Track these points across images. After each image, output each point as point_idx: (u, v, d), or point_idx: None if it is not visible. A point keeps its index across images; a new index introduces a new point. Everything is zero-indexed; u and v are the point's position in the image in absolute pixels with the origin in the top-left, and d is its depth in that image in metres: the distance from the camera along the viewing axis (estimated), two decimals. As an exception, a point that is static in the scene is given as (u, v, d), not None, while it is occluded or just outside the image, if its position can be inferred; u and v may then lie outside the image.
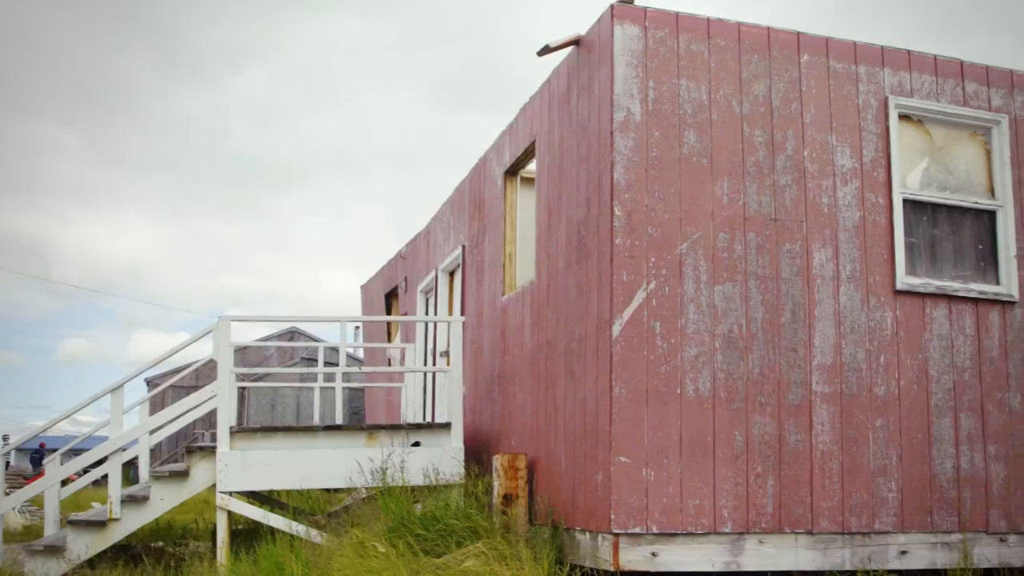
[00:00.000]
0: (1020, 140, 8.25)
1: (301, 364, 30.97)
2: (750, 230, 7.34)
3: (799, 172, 7.55)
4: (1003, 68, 8.37)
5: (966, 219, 8.09)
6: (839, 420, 7.34)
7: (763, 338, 7.23)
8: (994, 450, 7.75)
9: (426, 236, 13.99)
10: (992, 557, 7.63)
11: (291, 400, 30.26)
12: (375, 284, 18.04)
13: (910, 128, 8.03)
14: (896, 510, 7.41)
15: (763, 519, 7.05)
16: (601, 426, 6.98)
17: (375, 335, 17.91)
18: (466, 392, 10.32)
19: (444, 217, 12.96)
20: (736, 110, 7.49)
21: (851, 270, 7.55)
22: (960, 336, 7.79)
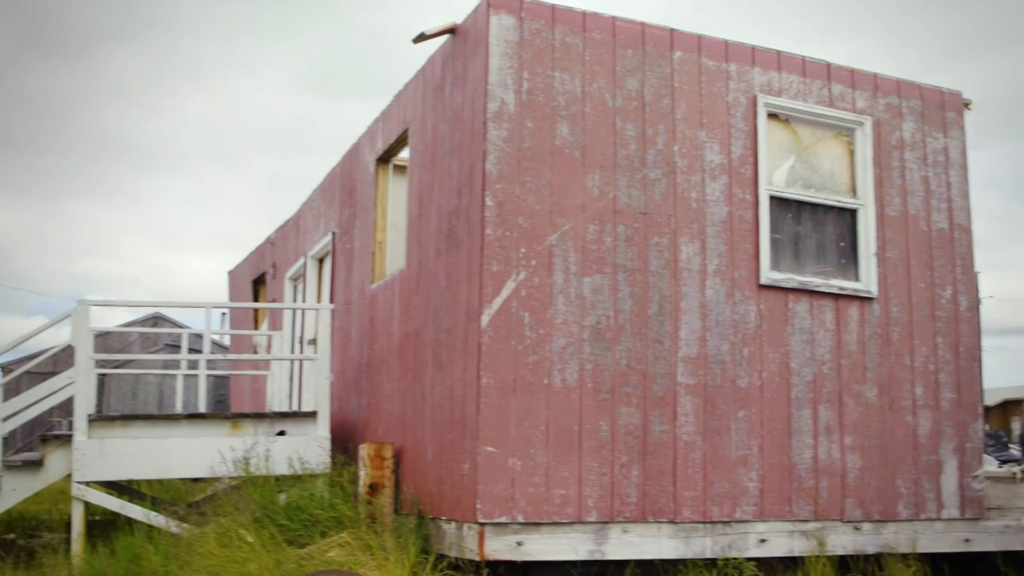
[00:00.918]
0: (882, 141, 8.78)
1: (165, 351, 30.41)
2: (620, 223, 7.65)
3: (669, 167, 7.90)
4: (868, 72, 8.90)
5: (829, 217, 8.59)
6: (703, 411, 7.72)
7: (630, 330, 7.56)
8: (850, 441, 8.26)
9: (296, 222, 14.01)
10: (847, 545, 8.14)
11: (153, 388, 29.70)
12: (243, 270, 17.92)
13: (778, 127, 8.48)
14: (756, 499, 7.84)
15: (627, 508, 7.38)
16: (468, 416, 7.20)
17: (242, 322, 17.81)
18: (333, 381, 10.43)
19: (315, 203, 13.02)
20: (609, 103, 7.79)
21: (717, 264, 7.94)
22: (821, 330, 8.27)
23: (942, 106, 9.16)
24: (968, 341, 8.92)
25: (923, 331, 8.69)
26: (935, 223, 8.89)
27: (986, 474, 8.98)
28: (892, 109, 8.90)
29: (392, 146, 9.85)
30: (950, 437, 8.70)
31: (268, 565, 6.75)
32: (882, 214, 8.67)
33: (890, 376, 8.49)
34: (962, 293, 8.92)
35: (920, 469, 8.52)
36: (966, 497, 8.70)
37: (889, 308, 8.56)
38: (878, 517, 8.29)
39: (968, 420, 8.82)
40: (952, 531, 8.62)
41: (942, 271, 8.84)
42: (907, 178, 8.83)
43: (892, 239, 8.66)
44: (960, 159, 9.15)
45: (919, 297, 8.71)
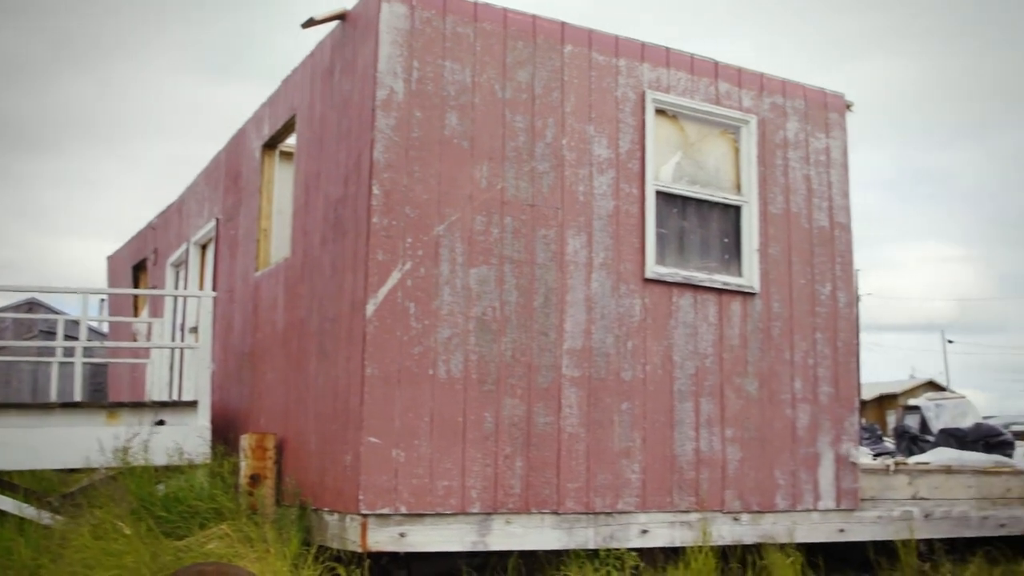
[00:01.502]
0: (767, 140, 9.10)
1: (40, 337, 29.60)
2: (507, 214, 7.80)
3: (557, 160, 8.07)
4: (754, 71, 9.21)
5: (714, 213, 8.87)
6: (587, 403, 7.92)
7: (516, 321, 7.71)
8: (731, 433, 8.56)
9: (179, 208, 13.84)
10: (727, 535, 8.43)
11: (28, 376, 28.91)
12: (123, 256, 17.60)
13: (665, 123, 8.72)
14: (639, 491, 8.07)
15: (511, 500, 7.53)
16: (352, 406, 7.27)
17: (121, 309, 17.49)
18: (215, 370, 10.36)
19: (199, 188, 12.88)
20: (499, 95, 7.92)
21: (603, 258, 8.15)
22: (704, 324, 8.55)
23: (825, 107, 9.53)
24: (846, 337, 9.31)
25: (803, 326, 9.05)
26: (816, 221, 9.26)
27: (861, 466, 9.38)
28: (777, 108, 9.23)
29: (279, 132, 9.83)
30: (827, 430, 9.07)
31: (144, 558, 6.71)
32: (765, 211, 8.99)
33: (770, 370, 8.82)
34: (841, 290, 9.31)
35: (798, 461, 8.86)
36: (841, 488, 9.08)
37: (770, 303, 8.89)
38: (757, 508, 8.61)
39: (845, 414, 9.21)
40: (828, 521, 9.00)
41: (822, 268, 9.21)
42: (790, 176, 9.18)
43: (774, 236, 8.99)
44: (841, 159, 9.53)
45: (799, 293, 9.06)
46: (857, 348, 9.49)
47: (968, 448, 11.59)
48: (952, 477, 9.99)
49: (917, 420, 14.49)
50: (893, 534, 9.24)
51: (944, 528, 9.69)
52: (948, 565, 8.75)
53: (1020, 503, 10.32)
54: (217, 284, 11.38)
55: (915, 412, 14.78)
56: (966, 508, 9.92)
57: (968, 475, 10.12)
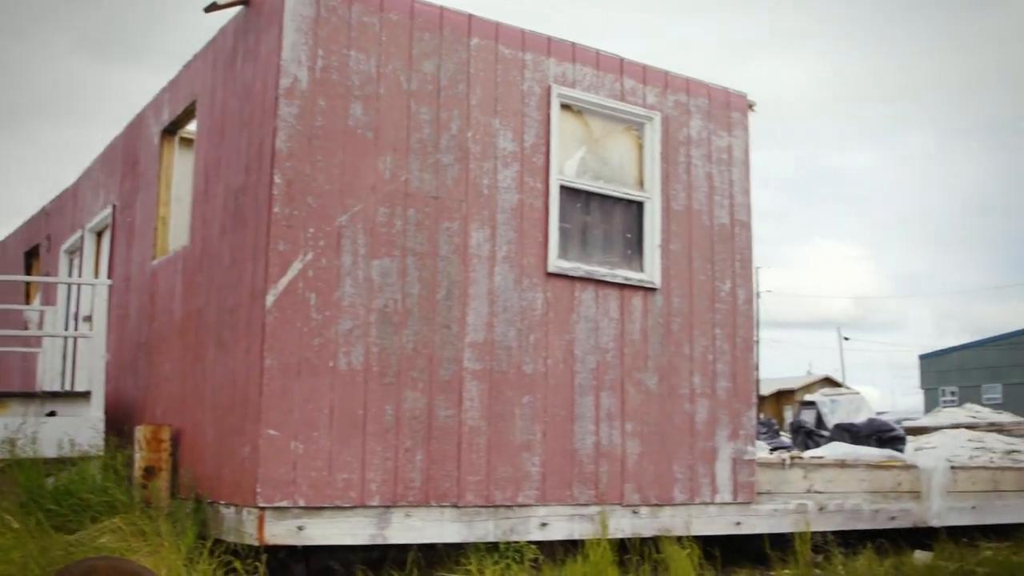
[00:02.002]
0: (670, 137, 9.30)
1: (-77, 326, 28.65)
2: (411, 206, 7.85)
3: (462, 152, 8.15)
4: (659, 69, 9.40)
5: (617, 208, 9.05)
6: (488, 397, 8.02)
7: (418, 314, 7.77)
8: (631, 427, 8.74)
9: (74, 193, 13.59)
10: (626, 528, 8.61)
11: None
12: (14, 242, 17.19)
13: (570, 118, 8.86)
14: (539, 484, 8.20)
15: (411, 493, 7.60)
16: (250, 398, 7.26)
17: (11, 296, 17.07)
18: (109, 360, 10.22)
19: (94, 174, 12.67)
20: (404, 86, 7.96)
21: (507, 251, 8.25)
22: (605, 319, 8.71)
23: (728, 106, 9.77)
24: (744, 333, 9.56)
25: (702, 322, 9.27)
26: (717, 218, 9.49)
27: (758, 460, 9.65)
28: (680, 106, 9.43)
29: (179, 118, 9.74)
30: (725, 425, 9.31)
31: (33, 553, 6.61)
32: (667, 208, 9.19)
33: (670, 365, 9.02)
34: (740, 287, 9.56)
35: (696, 455, 9.09)
36: (738, 482, 9.33)
37: (671, 299, 9.10)
38: (655, 501, 8.80)
39: (742, 409, 9.46)
40: (724, 515, 9.24)
41: (722, 265, 9.45)
42: (692, 174, 9.39)
43: (676, 232, 9.20)
44: (743, 158, 9.79)
45: (700, 289, 9.29)
46: (755, 344, 9.75)
47: (861, 443, 12.00)
48: (845, 471, 10.33)
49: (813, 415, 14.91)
50: (788, 526, 9.50)
51: (837, 521, 10.02)
52: (840, 557, 9.03)
53: (910, 496, 10.72)
54: (113, 272, 11.22)
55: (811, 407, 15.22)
56: (858, 501, 10.26)
57: (861, 469, 10.47)
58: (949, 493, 10.98)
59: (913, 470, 10.87)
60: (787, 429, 16.90)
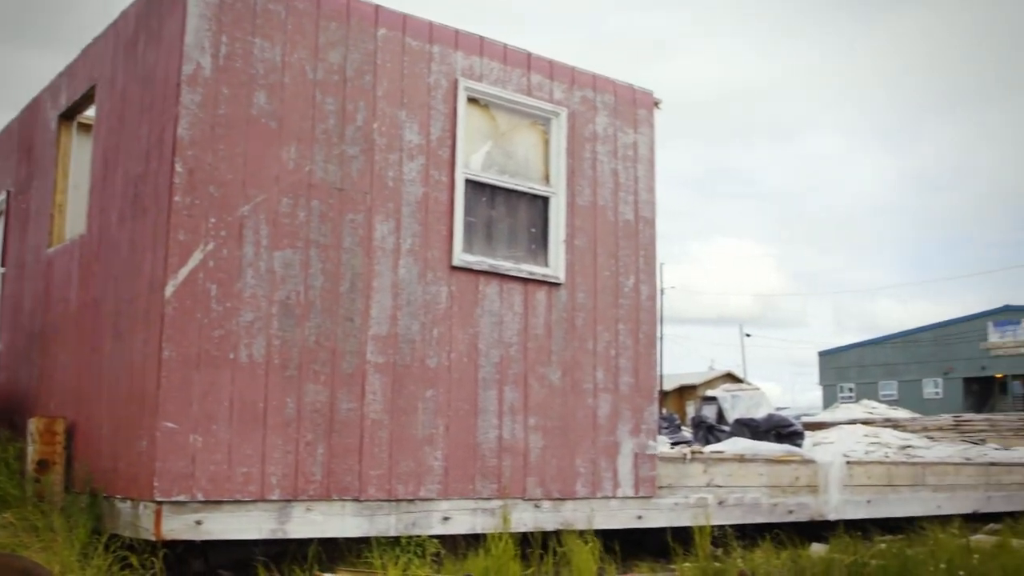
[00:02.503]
0: (576, 133, 9.45)
1: None
2: (315, 197, 7.86)
3: (368, 144, 8.18)
4: (566, 64, 9.54)
5: (522, 203, 9.16)
6: (391, 390, 8.07)
7: (321, 306, 7.79)
8: (534, 422, 8.86)
9: (-35, 178, 13.25)
10: (528, 522, 8.73)
11: None
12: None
13: (477, 111, 8.95)
14: (441, 478, 8.27)
15: (312, 486, 7.61)
16: (148, 390, 7.20)
17: None
18: (2, 350, 10.04)
19: (-12, 158, 12.38)
20: (309, 75, 7.97)
21: (411, 244, 8.31)
22: (509, 313, 8.82)
23: (634, 103, 9.95)
24: (647, 329, 9.76)
25: (606, 318, 9.44)
26: (622, 214, 9.67)
27: (659, 455, 9.85)
28: (587, 102, 9.58)
29: (77, 103, 9.59)
30: (627, 419, 9.49)
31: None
32: (572, 203, 9.34)
33: (573, 360, 9.17)
34: (644, 282, 9.75)
35: (598, 450, 9.25)
36: (640, 477, 9.52)
37: (575, 294, 9.25)
38: (558, 495, 8.94)
39: (644, 403, 9.66)
40: (626, 509, 9.42)
41: (626, 261, 9.63)
42: (598, 170, 9.55)
43: (581, 228, 9.35)
44: (648, 155, 9.98)
45: (604, 285, 9.45)
46: (658, 340, 9.95)
47: (761, 438, 12.32)
48: (745, 465, 10.59)
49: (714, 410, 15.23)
50: (689, 520, 9.71)
51: (737, 514, 10.29)
52: (739, 550, 9.26)
53: (808, 491, 11.04)
54: (6, 259, 11.00)
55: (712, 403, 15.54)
56: (757, 495, 10.54)
57: (760, 463, 10.74)
58: (845, 487, 11.33)
59: (811, 465, 11.18)
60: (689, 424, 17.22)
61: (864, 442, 15.71)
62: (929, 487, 12.46)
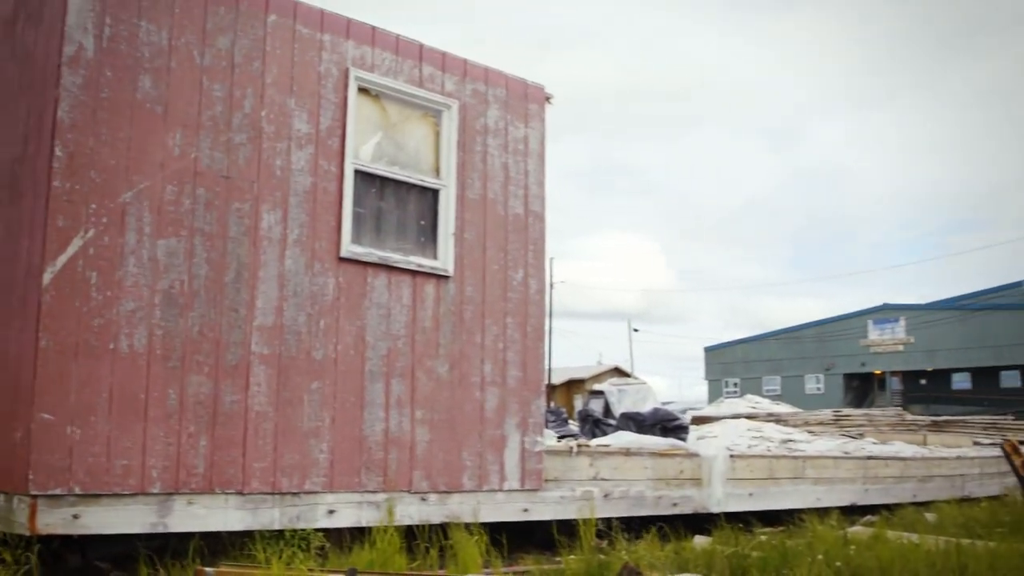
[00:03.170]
0: (467, 126, 9.54)
1: None
2: (200, 185, 7.81)
3: (255, 132, 8.15)
4: (458, 57, 9.62)
5: (412, 195, 9.23)
6: (276, 382, 8.07)
7: (205, 296, 7.74)
8: (421, 415, 8.94)
9: None
10: (414, 515, 8.81)
11: None
12: None
13: (368, 102, 8.98)
14: (327, 471, 8.29)
15: (194, 480, 7.57)
16: (24, 380, 7.08)
17: None
18: None
19: None
20: (197, 60, 7.90)
21: (299, 234, 8.31)
22: (397, 306, 8.88)
23: (525, 97, 10.09)
24: (535, 322, 9.91)
25: (495, 311, 9.56)
26: (512, 208, 9.80)
27: (546, 448, 10.01)
28: (478, 95, 9.69)
29: (-51, 81, 9.32)
30: (514, 413, 9.63)
31: None
32: (463, 196, 9.43)
33: (461, 353, 9.27)
34: (533, 276, 9.90)
35: (485, 443, 9.37)
36: (526, 470, 9.67)
37: (464, 287, 9.35)
38: (444, 488, 9.04)
39: (532, 397, 9.81)
40: (512, 501, 9.56)
41: (515, 254, 9.77)
42: (488, 163, 9.67)
43: (470, 221, 9.45)
44: (539, 149, 10.13)
45: (493, 278, 9.58)
46: (546, 334, 10.10)
47: (646, 431, 12.56)
48: (630, 459, 10.82)
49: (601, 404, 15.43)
50: (575, 513, 9.89)
51: (622, 507, 10.52)
52: (624, 542, 9.44)
53: (692, 483, 11.34)
54: None
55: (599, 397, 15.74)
56: (643, 488, 10.79)
57: (645, 457, 10.99)
58: (729, 480, 11.66)
59: (695, 458, 11.48)
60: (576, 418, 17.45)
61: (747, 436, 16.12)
62: (809, 480, 12.88)
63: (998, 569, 7.66)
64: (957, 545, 8.64)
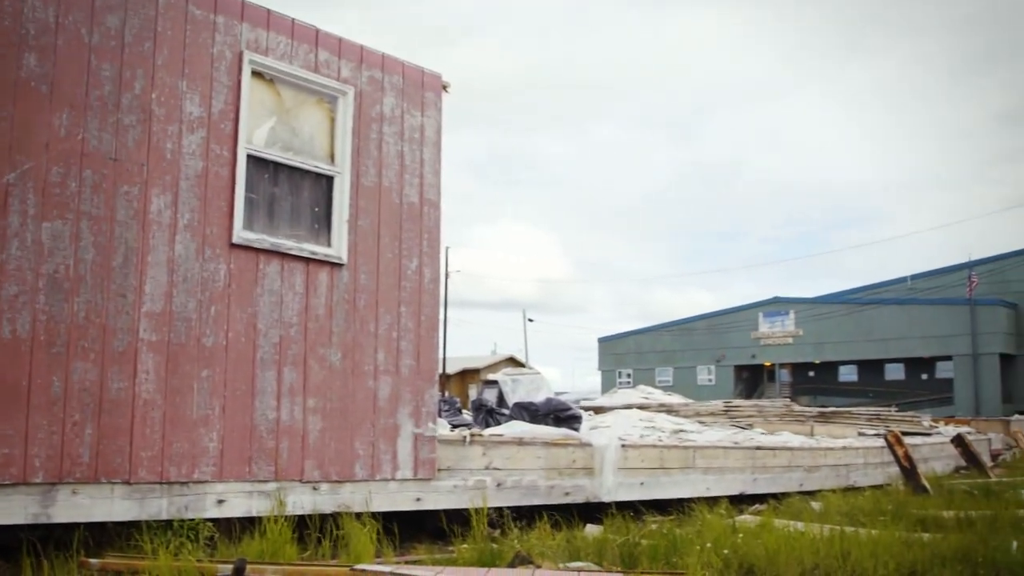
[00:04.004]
0: (363, 113, 9.54)
1: None
2: (87, 167, 7.68)
3: (145, 114, 8.04)
4: (355, 43, 9.61)
5: (306, 181, 9.20)
6: (165, 369, 7.98)
7: (91, 281, 7.63)
8: (313, 403, 8.93)
9: None
10: (306, 504, 8.79)
11: None
12: None
13: (262, 86, 8.92)
14: (216, 460, 8.23)
15: (79, 469, 7.45)
16: (-101, 366, 6.89)
17: None
18: None
19: None
20: (85, 39, 7.77)
21: (189, 219, 8.22)
22: (290, 293, 8.85)
23: (422, 85, 10.12)
24: (430, 311, 9.96)
25: (388, 300, 9.59)
26: (407, 197, 9.83)
27: (439, 437, 10.07)
28: (375, 82, 9.69)
29: None
30: (407, 402, 9.67)
31: None
32: (357, 183, 9.43)
33: (354, 342, 9.28)
34: (427, 265, 9.94)
35: (378, 432, 9.40)
36: (419, 459, 9.72)
37: (358, 275, 9.36)
38: (336, 478, 9.04)
39: (425, 386, 9.86)
40: (405, 491, 9.60)
41: (410, 243, 9.80)
42: (384, 151, 9.68)
43: (365, 209, 9.46)
44: (435, 138, 10.17)
45: (387, 267, 9.60)
46: (441, 323, 10.15)
47: (539, 421, 12.71)
48: (523, 448, 10.94)
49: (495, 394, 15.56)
50: (468, 502, 9.97)
51: (515, 496, 10.63)
52: (516, 531, 9.55)
53: (583, 473, 11.51)
54: None
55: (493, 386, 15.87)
56: (535, 478, 10.92)
57: (538, 447, 11.12)
58: (620, 470, 11.86)
59: (587, 448, 11.65)
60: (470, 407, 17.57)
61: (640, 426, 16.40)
62: (699, 470, 13.17)
63: (879, 556, 7.96)
64: (841, 533, 8.95)
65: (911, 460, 15.54)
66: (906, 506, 12.15)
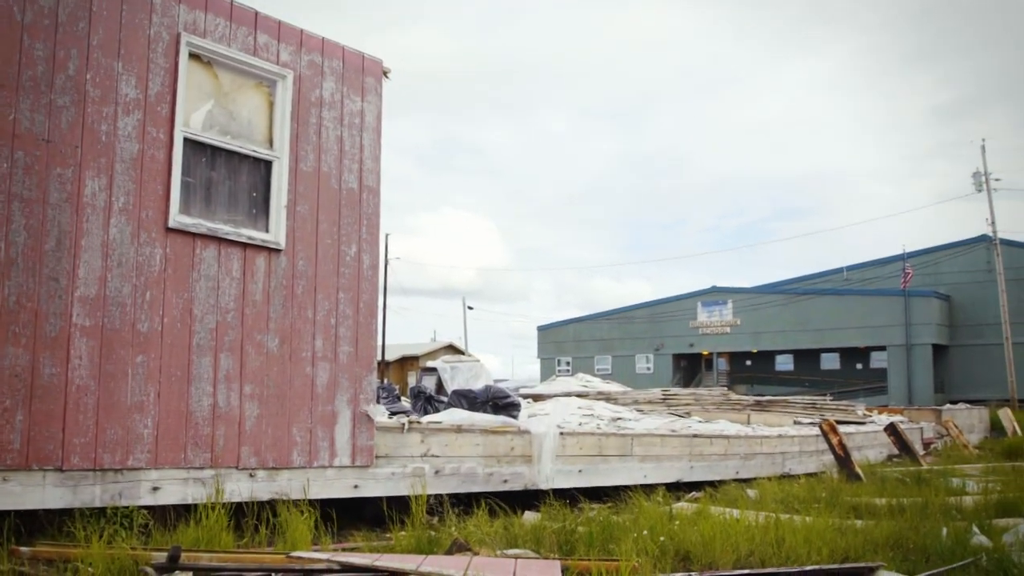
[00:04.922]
0: (302, 97, 9.48)
1: None
2: (19, 148, 7.56)
3: (80, 95, 7.93)
4: (295, 26, 9.54)
5: (244, 166, 9.12)
6: (99, 355, 7.88)
7: (23, 264, 7.51)
8: (250, 390, 8.87)
9: None
10: (243, 491, 8.74)
11: None
12: None
13: (199, 68, 8.83)
14: (151, 446, 8.16)
15: (9, 456, 7.35)
16: None
17: None
18: None
19: None
20: (18, 18, 7.64)
21: (124, 203, 8.13)
22: (227, 278, 8.78)
23: (362, 71, 10.07)
24: (368, 298, 9.93)
25: (327, 286, 9.55)
26: (346, 182, 9.79)
27: (377, 424, 10.06)
28: (314, 67, 9.63)
29: None
30: (346, 389, 9.65)
31: None
32: (296, 168, 9.38)
33: (292, 328, 9.23)
34: (366, 252, 9.92)
35: (316, 419, 9.36)
36: (357, 446, 9.70)
37: (296, 261, 9.31)
38: (273, 464, 9.00)
39: (363, 373, 9.84)
40: (343, 478, 9.58)
41: (348, 229, 9.76)
42: (323, 136, 9.63)
43: (303, 194, 9.41)
44: (375, 123, 10.13)
45: (325, 253, 9.55)
46: (380, 310, 10.13)
47: (478, 409, 12.75)
48: (462, 436, 10.97)
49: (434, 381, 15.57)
50: (406, 489, 9.99)
51: (453, 484, 10.65)
52: (454, 519, 9.58)
53: (522, 460, 11.56)
54: None
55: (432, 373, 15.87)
56: (474, 465, 10.95)
57: (477, 434, 11.15)
58: (558, 457, 11.93)
59: (526, 435, 11.69)
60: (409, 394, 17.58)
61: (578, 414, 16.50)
62: (637, 457, 13.28)
63: (813, 542, 8.10)
64: (776, 520, 9.09)
65: (845, 448, 15.81)
66: (840, 493, 12.35)
